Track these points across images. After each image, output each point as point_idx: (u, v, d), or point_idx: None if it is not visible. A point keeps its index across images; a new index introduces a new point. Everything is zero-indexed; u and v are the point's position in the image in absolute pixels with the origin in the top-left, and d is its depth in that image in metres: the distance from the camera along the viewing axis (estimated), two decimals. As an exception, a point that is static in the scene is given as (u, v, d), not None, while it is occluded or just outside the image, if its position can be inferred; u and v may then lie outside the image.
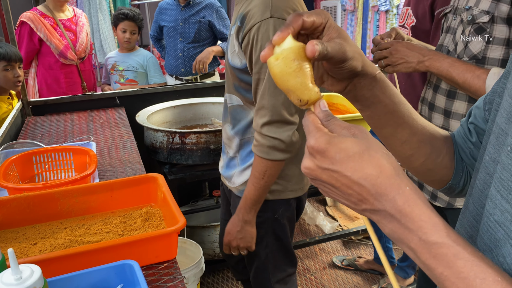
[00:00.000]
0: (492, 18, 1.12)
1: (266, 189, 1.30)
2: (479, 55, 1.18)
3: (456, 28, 1.25)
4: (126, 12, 2.79)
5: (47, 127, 2.07)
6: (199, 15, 2.86)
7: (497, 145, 0.48)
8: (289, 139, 1.22)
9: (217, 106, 2.55)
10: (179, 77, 3.02)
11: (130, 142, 1.84)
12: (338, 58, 0.50)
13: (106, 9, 6.28)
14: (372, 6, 7.94)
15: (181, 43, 2.91)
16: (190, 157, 1.97)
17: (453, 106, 1.27)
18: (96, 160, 1.37)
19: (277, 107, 1.20)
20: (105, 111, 2.36)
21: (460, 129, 0.68)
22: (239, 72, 1.29)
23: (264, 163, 1.24)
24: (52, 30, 2.72)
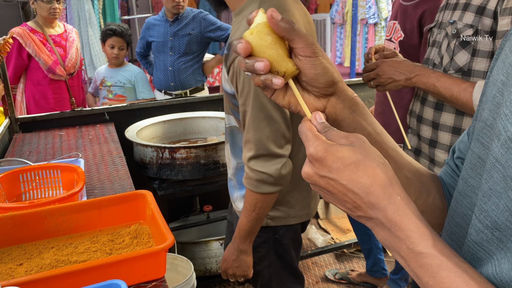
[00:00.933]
0: (476, 32, 1.15)
1: (259, 220, 1.27)
2: (464, 68, 1.20)
3: (441, 41, 1.27)
4: (114, 28, 2.81)
5: (35, 144, 2.05)
6: (188, 28, 2.88)
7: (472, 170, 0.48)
8: (277, 172, 1.18)
9: (207, 121, 2.55)
10: (168, 92, 3.02)
11: (119, 158, 1.83)
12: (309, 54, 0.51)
13: (96, 25, 6.30)
14: (360, 19, 8.05)
15: (171, 57, 2.93)
16: (180, 172, 1.96)
17: (441, 118, 1.29)
18: (84, 178, 1.35)
19: (263, 141, 1.17)
20: (94, 127, 2.34)
21: (446, 168, 0.66)
22: (231, 97, 1.28)
23: (254, 196, 1.22)
24: (41, 46, 2.72)
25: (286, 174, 1.20)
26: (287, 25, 0.49)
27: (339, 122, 0.56)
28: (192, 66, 2.96)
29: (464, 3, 1.19)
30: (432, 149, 1.33)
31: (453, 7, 1.25)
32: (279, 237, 1.38)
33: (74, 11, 6.33)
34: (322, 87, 0.53)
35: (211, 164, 1.98)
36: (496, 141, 0.42)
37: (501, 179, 0.40)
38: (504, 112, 0.41)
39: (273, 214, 1.34)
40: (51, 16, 2.74)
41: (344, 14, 8.32)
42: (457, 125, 1.26)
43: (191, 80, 2.98)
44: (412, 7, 1.82)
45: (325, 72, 0.51)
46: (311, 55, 0.50)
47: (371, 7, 8.01)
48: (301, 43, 0.50)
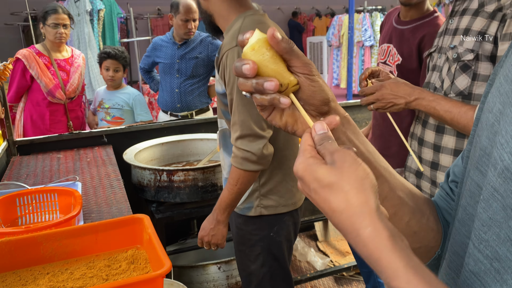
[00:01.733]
0: (476, 56, 1.16)
1: (239, 195, 1.41)
2: (465, 91, 1.21)
3: (442, 66, 1.29)
4: (108, 51, 2.85)
5: (33, 166, 2.05)
6: (196, 51, 2.92)
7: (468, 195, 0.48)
8: (259, 152, 1.33)
9: (206, 143, 2.55)
10: (174, 113, 3.04)
11: (117, 181, 1.83)
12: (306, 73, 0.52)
13: (95, 47, 6.37)
14: (357, 42, 8.17)
15: (178, 79, 2.96)
16: (177, 195, 1.95)
17: (442, 141, 1.30)
18: (81, 202, 1.34)
19: (247, 121, 1.32)
20: (92, 149, 2.34)
21: (441, 191, 0.66)
22: (222, 97, 1.44)
23: (237, 172, 1.37)
24: (44, 69, 2.78)
25: (267, 154, 1.35)
26: (288, 45, 0.50)
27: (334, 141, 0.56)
28: (198, 88, 2.99)
29: (465, 29, 1.21)
30: (434, 171, 1.33)
31: (453, 33, 1.26)
32: (273, 234, 1.51)
33: (74, 33, 6.42)
34: (318, 105, 0.54)
35: (209, 187, 1.97)
36: (492, 170, 0.42)
37: (501, 208, 0.40)
38: (499, 141, 0.41)
39: (266, 203, 1.49)
40: (57, 41, 2.80)
41: (340, 37, 8.45)
42: (458, 147, 1.27)
43: (196, 102, 3.01)
44: (410, 31, 1.84)
45: (321, 90, 0.53)
46: (309, 73, 0.52)
47: (367, 30, 8.14)
48: (299, 62, 0.52)
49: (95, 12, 6.39)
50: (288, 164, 1.48)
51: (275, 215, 1.50)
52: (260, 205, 1.48)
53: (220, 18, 1.43)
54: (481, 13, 1.17)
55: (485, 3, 1.17)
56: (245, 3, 1.41)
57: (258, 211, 1.49)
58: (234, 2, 1.39)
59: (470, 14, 1.21)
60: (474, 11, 1.20)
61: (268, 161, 1.37)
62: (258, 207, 1.49)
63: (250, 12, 1.39)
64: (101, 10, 6.42)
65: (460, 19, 1.25)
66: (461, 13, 1.26)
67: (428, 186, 1.37)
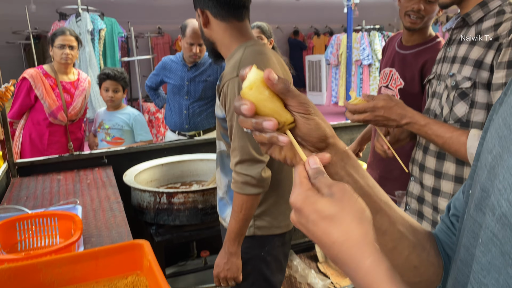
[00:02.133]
0: (474, 84, 1.18)
1: (246, 222, 1.42)
2: (463, 119, 1.22)
3: (441, 93, 1.30)
4: (107, 72, 2.88)
5: (33, 188, 2.05)
6: (205, 74, 2.95)
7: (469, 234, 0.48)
8: (259, 175, 1.37)
9: (206, 163, 2.56)
10: (182, 133, 3.06)
11: (116, 203, 1.82)
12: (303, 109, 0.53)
13: (96, 66, 6.42)
14: (355, 61, 8.25)
15: (187, 101, 2.98)
16: (177, 218, 1.95)
17: (443, 167, 1.30)
18: (81, 226, 1.34)
19: (246, 147, 1.36)
20: (93, 170, 2.35)
21: (442, 225, 0.66)
22: (222, 121, 1.48)
23: (240, 197, 1.39)
24: (49, 90, 2.81)
25: (266, 177, 1.39)
26: (283, 85, 0.52)
27: (332, 176, 0.57)
28: (206, 110, 3.01)
29: (462, 57, 1.22)
30: (435, 197, 1.33)
31: (451, 60, 1.28)
32: (264, 254, 1.53)
33: (75, 53, 6.47)
34: (315, 142, 0.55)
35: (209, 209, 1.97)
36: (491, 214, 0.42)
37: (500, 254, 0.40)
38: (497, 186, 0.41)
39: (259, 224, 1.51)
40: (63, 61, 2.83)
41: (338, 56, 8.54)
42: (459, 174, 1.27)
43: (204, 123, 3.03)
44: (412, 56, 1.85)
45: (317, 127, 0.54)
46: (305, 112, 0.53)
47: (365, 49, 8.23)
48: (295, 101, 0.53)
49: (96, 31, 6.46)
50: (282, 187, 1.51)
51: (267, 235, 1.53)
52: (253, 226, 1.51)
53: (222, 46, 1.47)
54: (478, 42, 1.19)
55: (482, 32, 1.19)
56: (246, 33, 1.45)
57: (251, 231, 1.51)
58: (236, 32, 1.43)
59: (468, 43, 1.23)
60: (472, 40, 1.22)
61: (267, 184, 1.41)
62: (251, 228, 1.51)
63: (251, 42, 1.43)
64: (102, 30, 6.50)
65: (458, 48, 1.27)
66: (459, 42, 1.28)
67: (430, 212, 1.37)
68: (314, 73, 10.05)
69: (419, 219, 1.41)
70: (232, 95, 1.36)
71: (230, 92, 1.37)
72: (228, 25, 1.43)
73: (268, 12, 10.70)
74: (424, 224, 1.38)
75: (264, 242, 1.53)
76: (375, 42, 8.26)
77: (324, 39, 12.38)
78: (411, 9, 1.77)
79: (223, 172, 1.58)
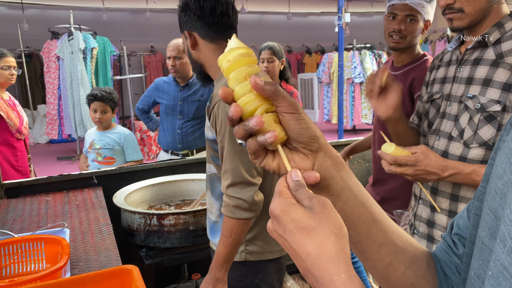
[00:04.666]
0: (504, 108, 1.16)
1: (235, 247, 1.37)
2: (489, 142, 1.19)
3: (457, 114, 1.27)
4: (95, 93, 2.87)
5: (20, 211, 2.00)
6: (198, 94, 2.95)
7: (480, 260, 0.47)
8: (251, 198, 1.33)
9: (197, 183, 2.53)
10: (175, 152, 3.04)
11: (106, 226, 1.79)
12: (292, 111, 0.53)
13: (88, 84, 6.41)
14: (347, 79, 8.33)
15: (180, 121, 2.98)
16: (168, 240, 1.92)
17: (460, 191, 1.27)
18: (68, 251, 1.31)
19: (238, 169, 1.33)
20: (82, 191, 2.31)
21: (442, 243, 0.65)
22: (212, 143, 1.45)
23: (231, 222, 1.35)
24: (8, 108, 2.89)
25: (259, 201, 1.35)
26: (272, 87, 0.52)
27: (328, 180, 0.56)
28: (199, 129, 3.01)
29: (484, 79, 1.21)
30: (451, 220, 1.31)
31: (465, 81, 1.26)
32: (258, 281, 1.49)
33: (67, 71, 6.47)
34: (307, 142, 0.54)
35: (200, 231, 1.94)
36: (501, 246, 0.40)
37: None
38: (508, 216, 0.40)
39: (251, 249, 1.47)
40: (10, 82, 2.93)
41: (330, 74, 8.62)
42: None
43: (197, 142, 3.03)
44: (401, 76, 1.88)
45: (308, 126, 0.54)
46: (295, 111, 0.53)
47: (357, 67, 8.33)
48: (285, 102, 0.53)
49: (88, 50, 6.47)
50: None
51: (260, 261, 1.49)
52: (245, 251, 1.48)
53: (211, 67, 1.46)
54: (502, 64, 1.17)
55: (505, 55, 1.18)
56: None
57: (243, 256, 1.48)
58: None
59: (488, 65, 1.21)
60: (493, 62, 1.20)
61: (259, 208, 1.37)
62: (243, 253, 1.48)
63: None
64: (94, 48, 6.51)
65: (474, 69, 1.24)
66: (473, 63, 1.26)
67: (440, 235, 1.34)
68: (306, 91, 10.13)
69: (429, 243, 1.37)
70: (223, 116, 1.35)
71: (221, 113, 1.35)
72: (217, 46, 1.43)
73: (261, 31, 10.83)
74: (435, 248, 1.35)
75: (257, 268, 1.49)
76: (366, 61, 8.36)
77: (315, 57, 12.52)
78: (392, 30, 1.81)
79: (214, 196, 1.54)
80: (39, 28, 8.90)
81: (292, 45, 12.55)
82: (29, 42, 9.25)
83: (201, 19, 1.40)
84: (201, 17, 1.40)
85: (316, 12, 12.30)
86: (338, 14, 6.11)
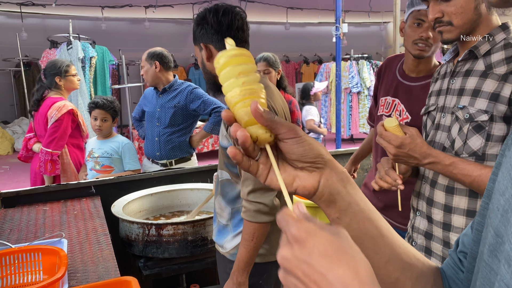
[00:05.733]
0: (491, 117, 1.17)
1: (256, 250, 1.43)
2: (479, 152, 1.20)
3: (450, 125, 1.28)
4: (96, 101, 2.88)
5: (17, 220, 1.99)
6: (174, 101, 2.94)
7: (482, 279, 0.46)
8: (271, 203, 1.39)
9: (195, 192, 2.52)
10: (155, 161, 3.02)
11: (104, 236, 1.77)
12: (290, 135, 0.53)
13: (86, 93, 6.40)
14: (344, 88, 8.37)
15: (158, 128, 2.96)
16: (166, 250, 1.90)
17: (453, 202, 1.27)
18: (66, 262, 1.29)
19: None
20: (80, 200, 2.30)
21: (449, 260, 0.64)
22: (226, 151, 1.45)
23: (252, 226, 1.40)
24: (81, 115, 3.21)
25: (277, 205, 1.41)
26: (270, 116, 0.52)
27: (335, 196, 0.55)
28: (178, 137, 2.96)
29: (474, 90, 1.21)
30: (446, 232, 1.29)
31: (457, 93, 1.27)
32: (262, 282, 1.54)
33: (66, 80, 6.46)
34: (312, 161, 0.54)
35: (199, 241, 1.93)
36: (506, 265, 0.39)
37: None
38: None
39: (259, 252, 1.49)
40: (76, 87, 3.29)
41: (328, 83, 8.65)
42: (471, 208, 1.24)
43: (176, 152, 2.98)
44: (420, 89, 1.78)
45: (311, 147, 0.54)
46: (295, 135, 0.53)
47: (354, 77, 8.37)
48: (284, 128, 0.53)
49: (87, 59, 6.47)
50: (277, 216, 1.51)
51: (265, 263, 1.53)
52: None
53: None
54: (491, 75, 1.18)
55: (493, 66, 1.19)
56: None
57: None
58: None
59: (478, 76, 1.22)
60: (482, 73, 1.21)
61: (277, 212, 1.37)
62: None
63: None
64: (93, 58, 6.51)
65: (465, 80, 1.25)
66: (465, 74, 1.26)
67: (440, 248, 1.32)
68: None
69: (427, 256, 1.36)
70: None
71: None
72: None
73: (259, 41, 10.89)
74: (433, 261, 1.33)
75: (262, 270, 1.53)
76: (363, 71, 8.41)
77: (313, 67, 12.58)
78: (419, 38, 1.71)
79: (225, 200, 1.58)
80: (38, 37, 8.92)
81: (289, 55, 12.62)
82: (28, 51, 9.26)
83: (218, 33, 1.47)
84: (218, 31, 1.47)
85: (314, 23, 12.38)
86: (335, 25, 6.16)
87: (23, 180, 6.39)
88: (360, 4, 9.74)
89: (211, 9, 1.50)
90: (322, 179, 0.55)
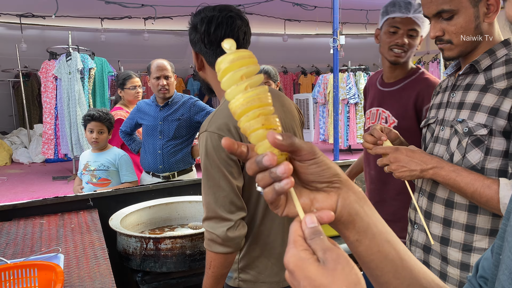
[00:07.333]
0: (490, 131, 1.16)
1: (216, 279, 1.36)
2: (477, 166, 1.19)
3: (449, 139, 1.28)
4: (92, 113, 2.87)
5: (13, 234, 1.97)
6: (178, 113, 2.95)
7: None
8: (223, 234, 1.29)
9: (194, 205, 2.51)
10: (156, 174, 3.01)
11: (101, 250, 1.76)
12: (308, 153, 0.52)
13: (85, 104, 6.41)
14: (342, 99, 8.40)
15: (161, 141, 2.96)
16: (164, 264, 1.88)
17: (452, 216, 1.26)
18: (62, 279, 1.28)
19: (211, 205, 1.31)
20: (77, 214, 2.28)
21: (468, 286, 0.62)
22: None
23: (208, 254, 1.36)
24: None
25: (234, 237, 1.31)
26: (290, 141, 0.50)
27: (353, 216, 0.54)
28: (181, 150, 2.98)
29: (473, 103, 1.21)
30: (444, 247, 1.28)
31: (457, 106, 1.27)
32: None
33: (64, 91, 6.48)
34: (328, 181, 0.53)
35: (197, 255, 1.91)
36: None
37: None
38: None
39: (243, 277, 1.44)
40: (137, 99, 3.50)
41: (326, 95, 8.69)
42: (470, 223, 1.23)
43: (179, 163, 2.99)
44: (399, 91, 1.83)
45: (328, 167, 0.53)
46: (314, 156, 0.52)
47: (351, 88, 8.40)
48: (304, 151, 0.52)
49: (86, 70, 6.49)
50: (265, 240, 1.42)
51: None
52: (238, 278, 1.45)
53: (216, 90, 1.47)
54: (491, 90, 1.18)
55: (494, 80, 1.19)
56: None
57: (236, 282, 1.46)
58: None
59: (477, 90, 1.22)
60: (482, 87, 1.21)
61: (237, 243, 1.32)
62: (236, 279, 1.45)
63: None
64: (92, 69, 6.53)
65: (465, 94, 1.25)
66: (465, 88, 1.27)
67: (438, 263, 1.31)
68: (302, 111, 10.16)
69: None
70: (203, 148, 1.33)
71: (200, 145, 1.34)
72: None
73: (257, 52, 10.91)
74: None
75: None
76: (360, 82, 8.44)
77: (311, 78, 12.64)
78: (395, 44, 1.77)
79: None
80: (37, 48, 8.96)
81: (287, 66, 12.68)
82: (27, 62, 9.30)
83: (210, 48, 1.36)
84: (210, 45, 1.35)
85: (311, 34, 12.47)
86: (333, 37, 6.20)
87: (20, 191, 6.36)
88: (357, 16, 9.83)
89: (204, 18, 1.33)
90: (340, 199, 0.54)
